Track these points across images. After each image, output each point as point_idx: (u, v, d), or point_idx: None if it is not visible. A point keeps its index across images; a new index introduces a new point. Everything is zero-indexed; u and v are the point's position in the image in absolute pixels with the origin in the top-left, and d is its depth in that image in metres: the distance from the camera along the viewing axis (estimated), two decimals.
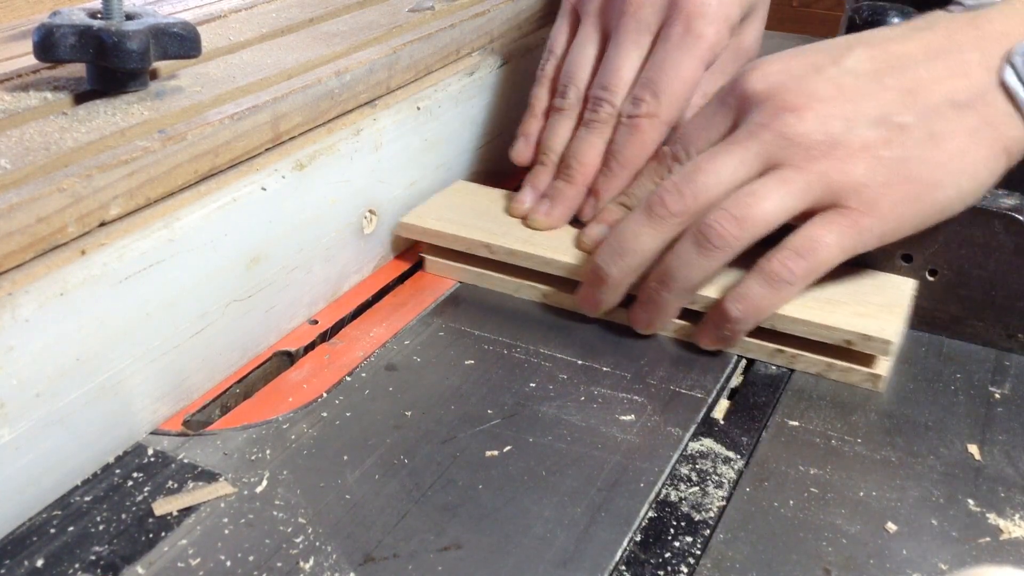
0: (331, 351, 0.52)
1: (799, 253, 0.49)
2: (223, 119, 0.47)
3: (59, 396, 0.40)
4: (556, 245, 0.57)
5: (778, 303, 0.50)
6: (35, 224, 0.38)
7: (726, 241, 0.49)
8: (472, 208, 0.61)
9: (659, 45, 0.58)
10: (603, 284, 0.53)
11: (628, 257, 0.52)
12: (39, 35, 0.45)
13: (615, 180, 0.58)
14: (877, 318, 0.51)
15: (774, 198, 0.49)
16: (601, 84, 0.59)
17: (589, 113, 0.59)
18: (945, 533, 0.41)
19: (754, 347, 0.52)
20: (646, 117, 0.57)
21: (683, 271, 0.50)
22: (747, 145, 0.50)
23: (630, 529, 0.40)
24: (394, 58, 0.58)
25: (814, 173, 0.49)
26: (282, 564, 0.38)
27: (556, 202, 0.59)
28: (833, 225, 0.49)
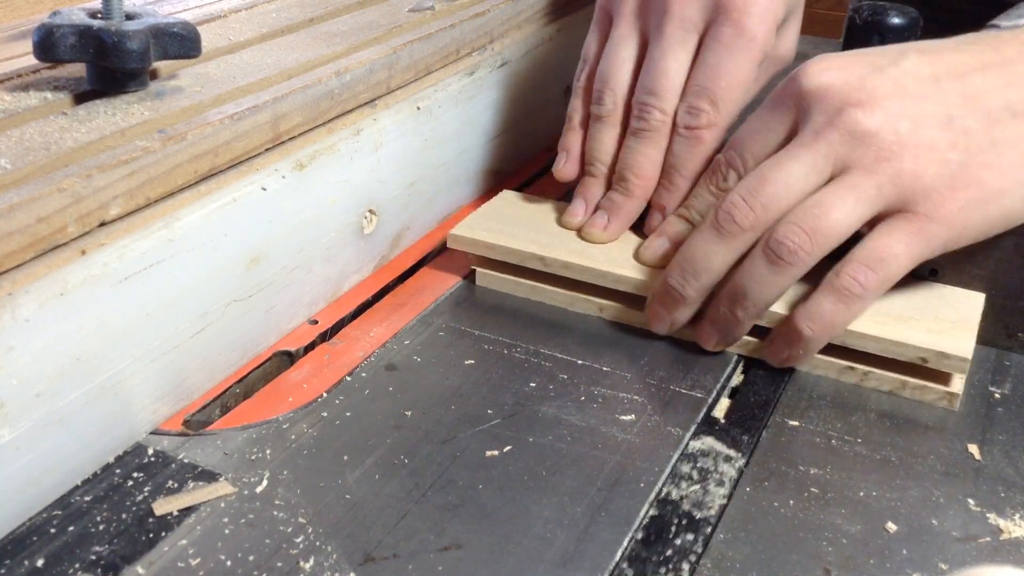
0: (331, 351, 0.52)
1: (869, 266, 0.47)
2: (223, 119, 0.47)
3: (59, 396, 0.40)
4: (612, 257, 0.56)
5: (850, 319, 0.49)
6: (35, 224, 0.38)
7: (798, 257, 0.47)
8: (522, 219, 0.59)
9: (709, 46, 0.55)
10: (678, 304, 0.51)
11: (702, 277, 0.50)
12: (39, 35, 0.45)
13: (678, 194, 0.56)
14: (951, 335, 0.49)
15: (845, 207, 0.47)
16: (647, 89, 0.56)
17: (637, 121, 0.57)
18: (945, 533, 0.41)
19: (823, 364, 0.51)
20: (707, 128, 0.55)
21: (755, 289, 0.49)
22: (815, 147, 0.48)
23: (630, 529, 0.40)
24: (394, 58, 0.58)
25: (885, 176, 0.47)
26: (282, 564, 0.38)
27: (614, 215, 0.57)
28: (901, 233, 0.47)
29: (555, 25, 0.75)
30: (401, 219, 0.61)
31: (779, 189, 0.48)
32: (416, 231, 0.63)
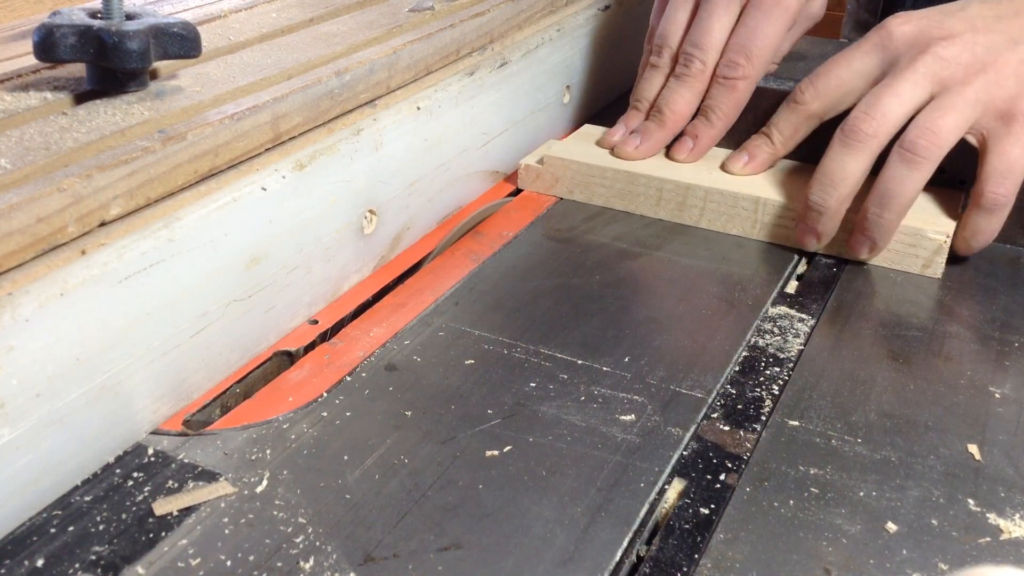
0: (331, 351, 0.52)
1: (1003, 175, 0.59)
2: (223, 119, 0.47)
3: (59, 396, 0.40)
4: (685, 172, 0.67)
5: (1001, 223, 0.60)
6: (35, 224, 0.38)
7: (931, 151, 0.58)
8: None
9: (749, 12, 0.66)
10: (823, 216, 0.61)
11: (840, 186, 0.60)
12: (39, 35, 0.45)
13: (713, 130, 0.68)
14: None
15: (956, 110, 0.58)
16: (692, 42, 0.67)
17: (680, 67, 0.68)
18: (945, 533, 0.41)
19: None
20: (742, 79, 0.66)
21: (899, 188, 0.58)
22: (915, 68, 0.59)
23: (630, 529, 0.40)
24: (394, 58, 0.58)
25: (976, 85, 0.59)
26: (282, 564, 0.38)
27: (645, 138, 0.68)
28: (1013, 136, 0.58)
29: (555, 25, 0.75)
30: (401, 219, 0.61)
31: (892, 102, 0.59)
32: (416, 231, 0.63)
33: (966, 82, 0.59)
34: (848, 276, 0.62)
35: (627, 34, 0.87)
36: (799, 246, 0.63)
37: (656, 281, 0.61)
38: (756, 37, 0.66)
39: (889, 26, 0.62)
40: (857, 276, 0.62)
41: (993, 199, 0.59)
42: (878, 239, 0.61)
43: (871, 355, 0.54)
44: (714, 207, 0.66)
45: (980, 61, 0.59)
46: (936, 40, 0.60)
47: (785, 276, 0.62)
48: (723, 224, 0.66)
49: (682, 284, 0.60)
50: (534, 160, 0.70)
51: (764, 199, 0.64)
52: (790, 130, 0.66)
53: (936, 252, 0.61)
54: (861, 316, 0.58)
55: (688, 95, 0.68)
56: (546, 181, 0.70)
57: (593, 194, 0.69)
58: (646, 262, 0.63)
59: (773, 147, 0.67)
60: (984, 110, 0.59)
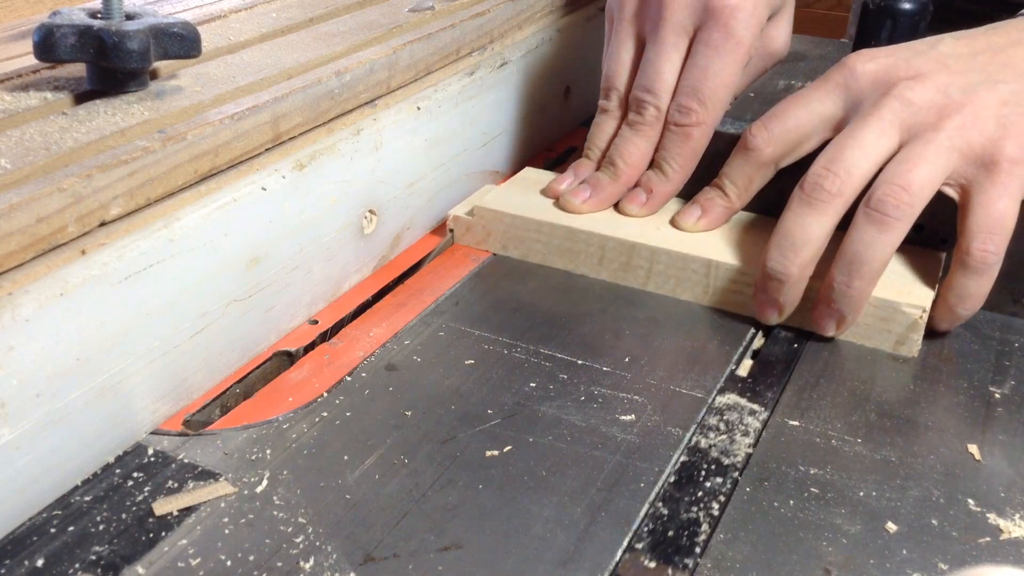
0: (331, 351, 0.52)
1: (990, 231, 0.51)
2: (223, 119, 0.47)
3: (59, 396, 0.40)
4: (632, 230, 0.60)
5: (990, 286, 0.52)
6: (35, 224, 0.38)
7: (901, 211, 0.50)
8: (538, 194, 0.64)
9: (699, 50, 0.59)
10: (783, 285, 0.53)
11: (802, 250, 0.52)
12: (39, 35, 0.45)
13: (668, 184, 0.61)
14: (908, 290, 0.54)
15: (928, 160, 0.51)
16: (643, 87, 0.61)
17: (633, 115, 0.61)
18: (945, 533, 0.41)
19: None
20: (696, 126, 0.59)
21: (868, 252, 0.51)
22: (880, 116, 0.52)
23: (630, 529, 0.40)
24: (394, 58, 0.58)
25: (951, 129, 0.51)
26: (282, 564, 0.38)
27: (595, 191, 0.61)
28: (997, 188, 0.51)
29: (555, 25, 0.75)
30: (401, 219, 0.61)
31: (857, 154, 0.52)
32: (416, 231, 0.63)
33: (938, 127, 0.51)
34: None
35: None
36: (758, 319, 0.55)
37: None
38: (708, 78, 0.59)
39: (852, 64, 0.55)
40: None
41: (981, 257, 0.51)
42: (846, 312, 0.52)
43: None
44: (662, 269, 0.57)
45: (954, 102, 0.52)
46: (903, 80, 0.53)
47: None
48: (672, 288, 0.58)
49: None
50: (464, 210, 0.63)
51: (717, 262, 0.56)
52: (744, 180, 0.58)
53: (911, 328, 0.53)
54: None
55: (643, 145, 0.61)
56: (477, 235, 0.62)
57: (529, 250, 0.61)
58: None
59: (728, 200, 0.59)
60: (961, 157, 0.51)
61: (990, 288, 0.52)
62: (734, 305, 0.56)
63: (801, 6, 0.73)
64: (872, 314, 0.53)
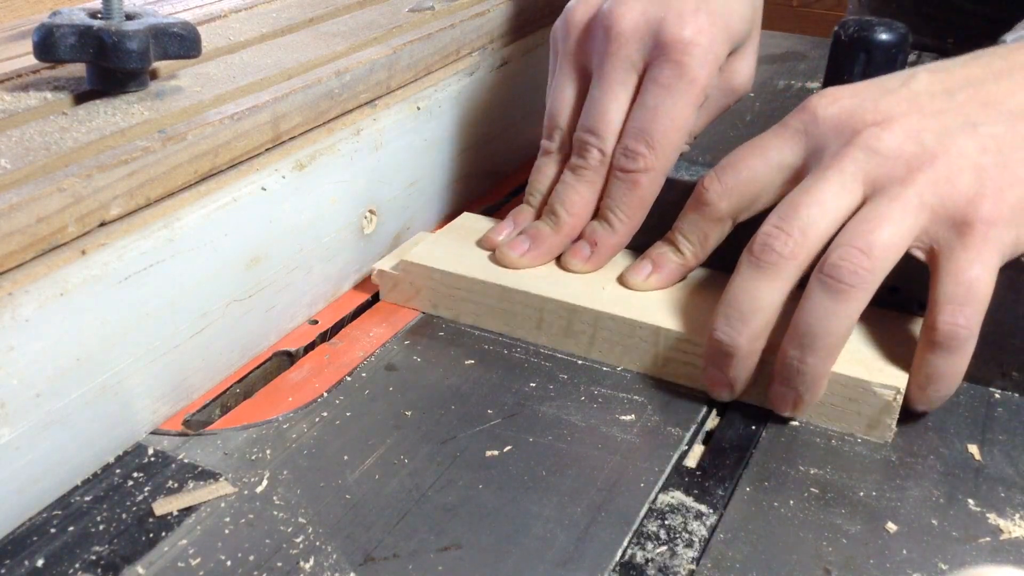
0: (331, 351, 0.52)
1: (960, 302, 0.44)
2: (223, 119, 0.47)
3: (59, 396, 0.40)
4: None
5: (965, 365, 0.46)
6: (35, 224, 0.38)
7: (860, 277, 0.44)
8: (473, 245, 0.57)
9: (648, 88, 0.53)
10: (732, 358, 0.47)
11: (751, 320, 0.46)
12: (39, 35, 0.45)
13: (614, 236, 0.54)
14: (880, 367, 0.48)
15: (894, 219, 0.45)
16: (586, 127, 0.55)
17: (576, 158, 0.55)
18: (945, 533, 0.41)
19: None
20: (644, 172, 0.53)
21: (823, 325, 0.45)
22: (841, 167, 0.46)
23: (630, 529, 0.40)
24: (394, 58, 0.58)
25: (921, 184, 0.45)
26: (282, 564, 0.38)
27: (535, 243, 0.55)
28: (971, 253, 0.44)
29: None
30: (401, 219, 0.61)
31: (813, 211, 0.46)
32: (416, 231, 0.63)
33: (907, 181, 0.45)
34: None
35: None
36: (709, 395, 0.49)
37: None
38: (657, 119, 0.53)
39: (813, 107, 0.48)
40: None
41: (949, 332, 0.44)
42: (802, 391, 0.46)
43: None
44: (606, 335, 0.51)
45: (927, 152, 0.45)
46: (869, 127, 0.46)
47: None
48: (618, 357, 0.51)
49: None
50: (390, 264, 0.57)
51: (665, 329, 0.50)
52: (698, 236, 0.52)
53: (883, 411, 0.46)
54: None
55: (586, 192, 0.55)
56: (405, 292, 0.56)
57: (460, 311, 0.54)
58: None
59: (682, 256, 0.53)
60: (932, 216, 0.45)
61: (964, 367, 0.46)
62: (688, 378, 0.50)
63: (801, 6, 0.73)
64: (839, 393, 0.47)
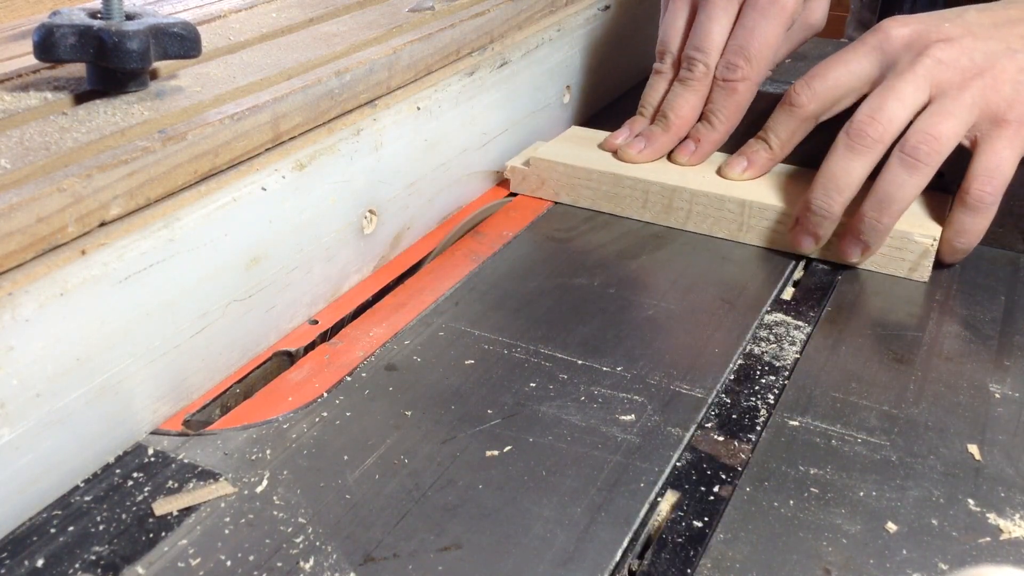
0: (331, 351, 0.52)
1: (990, 176, 0.58)
2: (223, 119, 0.47)
3: (59, 396, 0.40)
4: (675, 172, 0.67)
5: (987, 225, 0.59)
6: (35, 224, 0.38)
7: (931, 157, 0.57)
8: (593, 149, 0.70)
9: (746, 12, 0.66)
10: (825, 219, 0.60)
11: (845, 190, 0.59)
12: (39, 35, 0.45)
13: (715, 134, 0.67)
14: None
15: (954, 115, 0.58)
16: (694, 45, 0.67)
17: (684, 71, 0.67)
18: (945, 533, 0.41)
19: None
20: (742, 81, 0.66)
21: (900, 193, 0.58)
22: (915, 71, 0.59)
23: (630, 529, 0.40)
24: (394, 58, 0.58)
25: (974, 89, 0.59)
26: (282, 564, 0.38)
27: (649, 142, 0.67)
28: (1003, 141, 0.58)
29: (555, 25, 0.75)
30: (401, 219, 0.61)
31: (896, 105, 0.59)
32: (416, 231, 0.63)
33: (963, 87, 0.59)
34: (845, 281, 0.61)
35: (627, 34, 0.87)
36: (793, 249, 0.62)
37: (653, 285, 0.60)
38: (754, 38, 0.65)
39: (886, 28, 0.62)
40: (854, 281, 0.61)
41: (979, 196, 0.59)
42: (872, 242, 0.60)
43: (869, 360, 0.53)
44: (700, 210, 0.65)
45: (977, 66, 0.59)
46: (934, 43, 0.60)
47: (781, 283, 0.60)
48: (710, 227, 0.65)
49: (679, 288, 0.60)
50: (520, 162, 0.70)
51: (750, 202, 0.63)
52: (787, 134, 0.65)
53: (922, 256, 0.60)
54: (859, 322, 0.57)
55: (692, 99, 0.67)
56: (532, 183, 0.69)
57: (579, 196, 0.68)
58: (643, 264, 0.62)
59: (771, 151, 0.66)
60: (980, 114, 0.59)
61: (986, 226, 0.59)
62: (768, 240, 0.63)
63: None
64: (888, 244, 0.60)
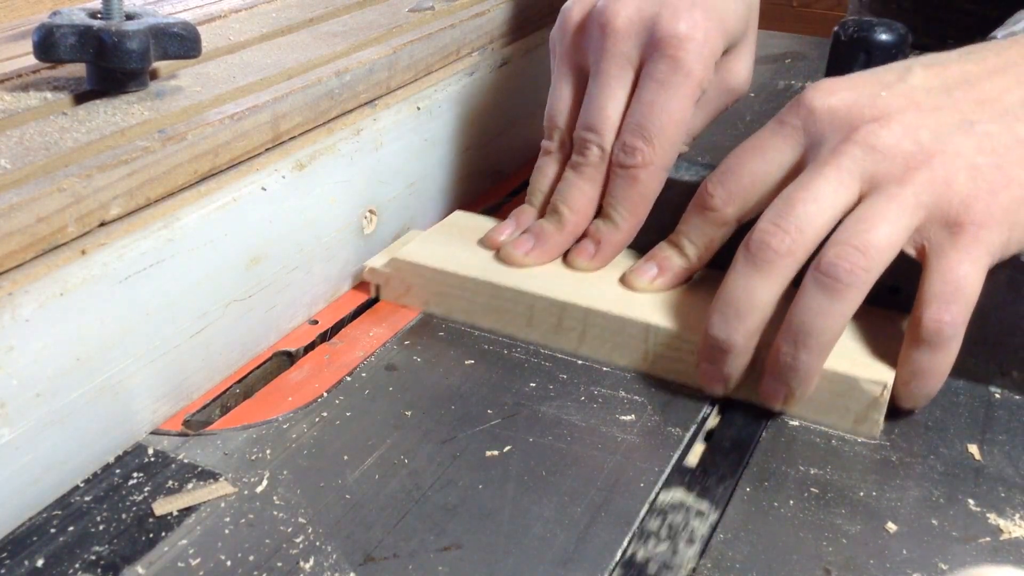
0: (331, 351, 0.52)
1: (948, 300, 0.45)
2: (223, 119, 0.47)
3: (59, 396, 0.40)
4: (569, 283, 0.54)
5: (950, 363, 0.46)
6: (35, 224, 0.38)
7: (856, 276, 0.44)
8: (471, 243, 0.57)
9: (644, 84, 0.54)
10: (728, 354, 0.47)
11: (747, 317, 0.46)
12: (39, 35, 0.45)
13: (618, 233, 0.55)
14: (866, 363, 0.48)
15: (890, 218, 0.45)
16: (585, 125, 0.55)
17: (576, 156, 0.55)
18: (945, 533, 0.41)
19: None
20: (643, 167, 0.53)
21: (818, 322, 0.45)
22: (838, 164, 0.46)
23: (630, 529, 0.40)
24: (394, 58, 0.58)
25: (918, 184, 0.46)
26: (282, 564, 0.38)
27: (540, 242, 0.55)
28: (960, 253, 0.45)
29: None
30: (401, 219, 0.61)
31: (810, 208, 0.46)
32: (416, 231, 0.63)
33: (904, 180, 0.46)
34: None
35: None
36: (703, 390, 0.49)
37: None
38: (654, 114, 0.53)
39: (810, 101, 0.49)
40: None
41: (934, 329, 0.45)
42: (794, 386, 0.47)
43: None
44: (596, 332, 0.51)
45: (924, 151, 0.46)
46: (867, 122, 0.47)
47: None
48: (608, 353, 0.51)
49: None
50: (381, 263, 0.57)
51: (655, 326, 0.50)
52: (704, 240, 0.52)
53: (870, 407, 0.47)
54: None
55: (588, 189, 0.55)
56: (396, 289, 0.56)
57: (452, 308, 0.55)
58: None
59: (686, 259, 0.53)
60: (927, 215, 0.46)
61: (949, 364, 0.46)
62: (679, 374, 0.50)
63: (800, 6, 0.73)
64: (827, 388, 0.47)
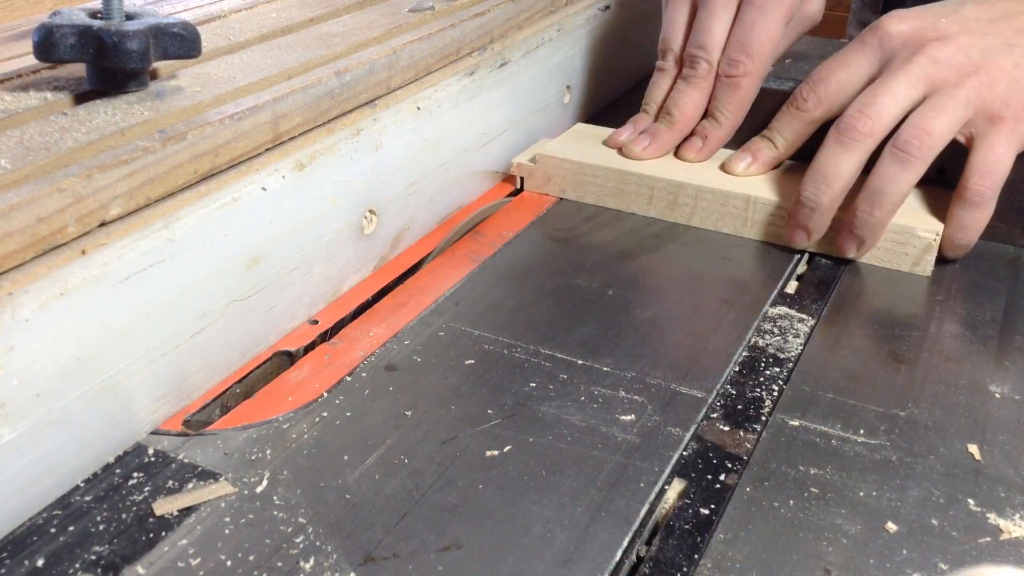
0: (331, 351, 0.52)
1: (987, 171, 0.60)
2: (223, 119, 0.47)
3: (59, 396, 0.40)
4: None
5: (986, 220, 0.61)
6: (35, 224, 0.38)
7: (923, 152, 0.59)
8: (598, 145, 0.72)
9: (745, 9, 0.67)
10: (814, 212, 0.61)
11: (834, 183, 0.60)
12: (39, 35, 0.45)
13: (721, 130, 0.68)
14: None
15: (946, 112, 0.59)
16: (696, 43, 0.68)
17: (687, 69, 0.69)
18: (945, 533, 0.41)
19: None
20: (744, 76, 0.67)
21: (891, 187, 0.59)
22: (909, 69, 0.60)
23: (630, 529, 0.40)
24: (394, 58, 0.58)
25: (968, 87, 0.60)
26: (282, 564, 0.38)
27: (654, 139, 0.69)
28: (999, 138, 0.60)
29: (555, 25, 0.75)
30: (401, 219, 0.61)
31: (887, 101, 0.60)
32: (416, 231, 0.63)
33: (959, 84, 0.60)
34: (848, 276, 0.62)
35: (627, 34, 0.87)
36: (788, 243, 0.64)
37: (656, 282, 0.61)
38: (755, 33, 0.67)
39: (885, 25, 0.63)
40: (857, 276, 0.62)
41: (977, 192, 0.60)
42: (866, 237, 0.61)
43: (871, 355, 0.54)
44: (705, 205, 0.66)
45: (973, 63, 0.60)
46: (930, 41, 0.61)
47: (785, 276, 0.61)
48: (714, 222, 0.66)
49: (682, 285, 0.60)
50: (526, 159, 0.71)
51: (755, 197, 0.64)
52: (792, 135, 0.67)
53: (925, 250, 0.61)
54: (861, 316, 0.58)
55: (696, 96, 0.69)
56: (538, 180, 0.70)
57: (585, 192, 0.69)
58: (646, 262, 0.62)
59: (776, 150, 0.67)
60: (975, 111, 0.60)
61: (985, 221, 0.61)
62: (771, 236, 0.64)
63: None
64: (891, 239, 0.62)
